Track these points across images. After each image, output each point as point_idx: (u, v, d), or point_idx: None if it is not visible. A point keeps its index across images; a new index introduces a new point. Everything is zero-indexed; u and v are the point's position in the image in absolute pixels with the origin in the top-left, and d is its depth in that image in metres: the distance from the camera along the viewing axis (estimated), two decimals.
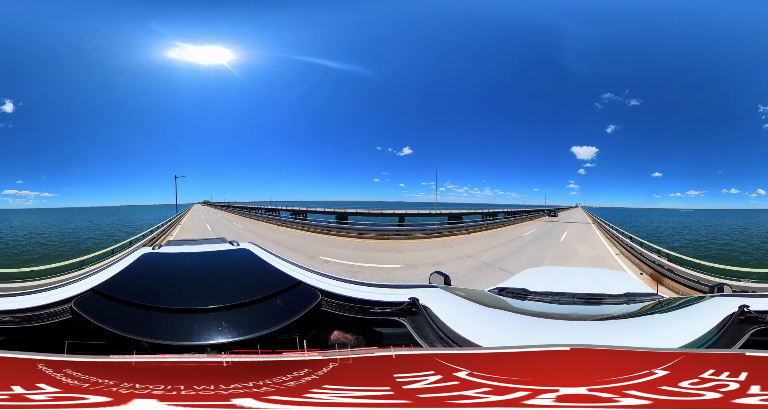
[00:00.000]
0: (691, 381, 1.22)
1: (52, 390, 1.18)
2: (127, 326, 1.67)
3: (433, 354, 1.47)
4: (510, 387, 1.22)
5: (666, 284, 10.52)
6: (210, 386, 1.22)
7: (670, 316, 2.13)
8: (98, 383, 1.23)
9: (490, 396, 1.19)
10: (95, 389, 1.19)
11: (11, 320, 1.78)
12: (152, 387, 1.21)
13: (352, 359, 1.39)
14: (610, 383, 1.23)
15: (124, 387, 1.20)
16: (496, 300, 2.59)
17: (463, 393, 1.20)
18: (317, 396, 1.19)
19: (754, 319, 1.75)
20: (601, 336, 1.79)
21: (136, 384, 1.22)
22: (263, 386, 1.24)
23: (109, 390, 1.19)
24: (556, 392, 1.19)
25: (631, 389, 1.19)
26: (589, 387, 1.21)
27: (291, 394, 1.19)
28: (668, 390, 1.18)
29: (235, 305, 1.84)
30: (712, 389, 1.17)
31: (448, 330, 1.82)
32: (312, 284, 2.15)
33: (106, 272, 2.33)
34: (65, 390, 1.19)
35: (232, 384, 1.23)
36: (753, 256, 22.08)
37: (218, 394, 1.19)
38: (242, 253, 2.99)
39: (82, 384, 1.22)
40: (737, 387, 1.18)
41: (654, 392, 1.17)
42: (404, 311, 2.02)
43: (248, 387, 1.23)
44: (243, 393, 1.19)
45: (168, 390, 1.19)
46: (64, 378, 1.25)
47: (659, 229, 36.79)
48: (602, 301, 2.57)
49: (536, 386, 1.22)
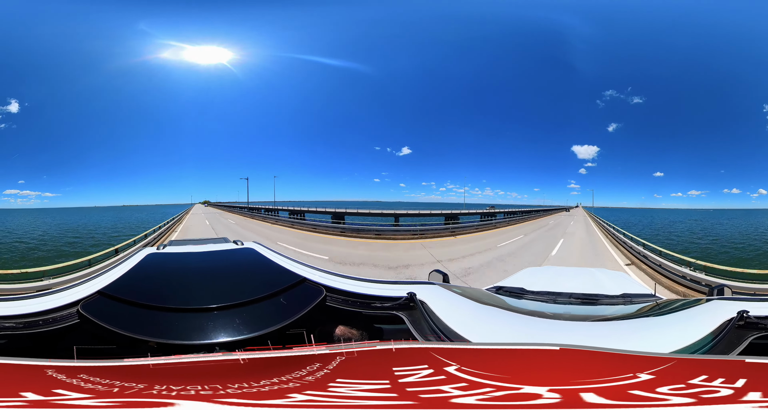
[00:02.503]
0: (673, 387, 1.18)
1: (80, 395, 1.15)
2: (136, 327, 1.68)
3: (428, 347, 1.49)
4: (482, 383, 1.22)
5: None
6: (242, 384, 1.22)
7: (667, 319, 2.11)
8: (127, 387, 1.20)
9: (458, 391, 1.19)
10: (130, 392, 1.17)
11: (14, 325, 1.74)
12: (189, 387, 1.19)
13: (356, 352, 1.40)
14: (581, 384, 1.20)
15: (157, 389, 1.18)
16: (492, 298, 2.60)
17: (440, 388, 1.20)
18: (338, 389, 1.20)
19: (754, 325, 1.70)
20: (593, 337, 1.79)
21: (171, 386, 1.19)
22: (289, 381, 1.24)
23: (148, 392, 1.16)
24: (517, 390, 1.19)
25: (594, 392, 1.16)
26: (550, 387, 1.18)
27: (315, 388, 1.20)
28: (637, 394, 1.15)
29: (243, 302, 1.86)
30: (692, 395, 1.14)
31: (442, 325, 1.83)
32: (316, 281, 2.19)
33: (112, 274, 2.33)
34: (98, 396, 1.15)
35: (261, 381, 1.23)
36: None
37: (260, 392, 1.18)
38: (247, 252, 3.02)
39: (111, 389, 1.19)
40: (730, 393, 1.14)
41: (620, 397, 1.13)
42: (402, 305, 2.06)
43: (276, 383, 1.23)
44: (277, 390, 1.19)
45: (208, 389, 1.18)
46: (83, 384, 1.22)
47: (673, 230, 36.18)
48: (599, 302, 2.57)
49: (519, 384, 1.22)
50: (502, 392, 1.18)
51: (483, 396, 1.16)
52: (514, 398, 1.15)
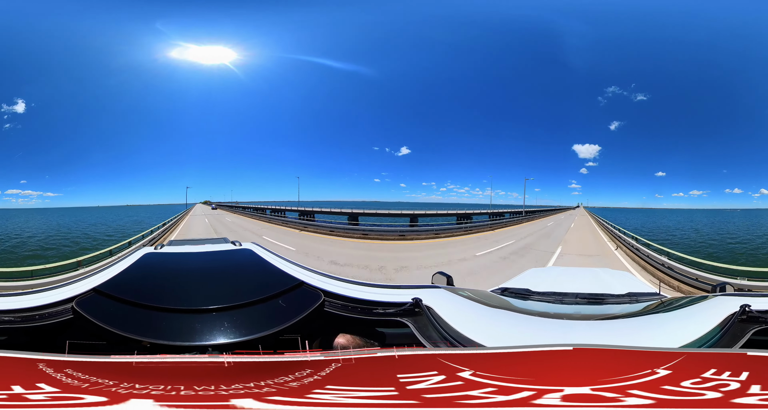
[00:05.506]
0: (693, 381, 1.22)
1: (52, 389, 1.18)
2: (128, 326, 1.67)
3: (437, 354, 1.46)
4: (515, 387, 1.22)
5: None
6: (210, 386, 1.22)
7: (673, 315, 2.14)
8: (97, 383, 1.22)
9: (496, 396, 1.19)
10: (93, 389, 1.19)
11: (12, 319, 1.78)
12: (152, 387, 1.20)
13: (354, 359, 1.38)
14: (613, 382, 1.23)
15: (122, 387, 1.20)
16: (498, 300, 2.60)
17: (469, 393, 1.20)
18: (320, 396, 1.18)
19: (756, 319, 1.76)
20: (603, 335, 1.79)
21: (136, 384, 1.21)
22: (264, 386, 1.23)
23: (108, 389, 1.18)
24: (560, 391, 1.19)
25: (634, 388, 1.19)
26: (592, 386, 1.21)
27: (292, 394, 1.19)
28: (671, 389, 1.18)
29: (237, 305, 1.83)
30: (713, 388, 1.17)
31: (451, 330, 1.82)
32: (315, 285, 2.14)
33: (108, 272, 2.32)
34: (64, 389, 1.18)
35: (232, 385, 1.23)
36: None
37: (218, 394, 1.18)
38: (245, 253, 2.98)
39: (81, 384, 1.21)
40: (738, 387, 1.18)
41: (657, 391, 1.17)
42: (407, 311, 2.02)
43: (249, 387, 1.22)
44: (243, 393, 1.19)
45: (167, 391, 1.19)
46: (64, 378, 1.25)
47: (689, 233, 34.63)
48: (605, 301, 2.58)
49: (541, 386, 1.22)
50: (531, 393, 1.18)
51: (517, 396, 1.17)
52: (549, 397, 1.16)
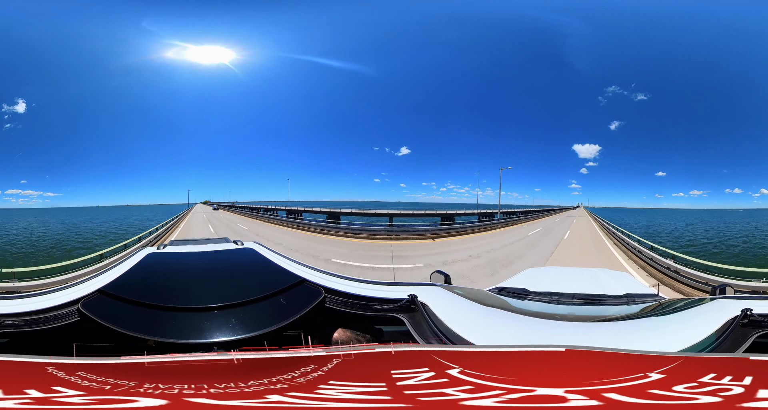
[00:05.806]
0: (688, 386, 1.19)
1: (75, 393, 1.16)
2: (135, 325, 1.69)
3: (429, 350, 1.48)
4: (491, 385, 1.22)
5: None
6: (231, 384, 1.23)
7: (670, 318, 2.10)
8: (120, 384, 1.21)
9: (466, 394, 1.18)
10: (146, 392, 1.17)
11: (17, 323, 1.77)
12: (176, 387, 1.20)
13: (354, 355, 1.41)
14: (595, 385, 1.20)
15: (149, 388, 1.19)
16: (495, 300, 2.59)
17: (443, 391, 1.20)
18: (325, 392, 1.20)
19: (758, 323, 1.72)
20: (598, 337, 1.78)
21: (159, 384, 1.21)
22: (277, 382, 1.25)
23: (160, 392, 1.17)
24: (532, 392, 1.18)
25: (612, 392, 1.16)
26: (566, 388, 1.19)
27: (303, 390, 1.20)
28: (658, 393, 1.15)
29: (241, 303, 1.86)
30: (711, 393, 1.14)
31: (444, 328, 1.82)
32: (316, 282, 2.19)
33: (112, 273, 2.34)
34: (89, 393, 1.16)
35: (249, 382, 1.24)
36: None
37: (243, 392, 1.19)
38: (247, 252, 3.02)
39: (104, 387, 1.20)
40: (742, 392, 1.15)
41: (641, 396, 1.14)
42: (403, 307, 2.04)
43: (264, 384, 1.24)
44: (263, 390, 1.20)
45: (197, 389, 1.19)
46: (80, 381, 1.23)
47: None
48: (602, 302, 2.56)
49: (521, 385, 1.21)
50: (514, 394, 1.17)
51: (499, 399, 1.15)
52: (531, 400, 1.15)
